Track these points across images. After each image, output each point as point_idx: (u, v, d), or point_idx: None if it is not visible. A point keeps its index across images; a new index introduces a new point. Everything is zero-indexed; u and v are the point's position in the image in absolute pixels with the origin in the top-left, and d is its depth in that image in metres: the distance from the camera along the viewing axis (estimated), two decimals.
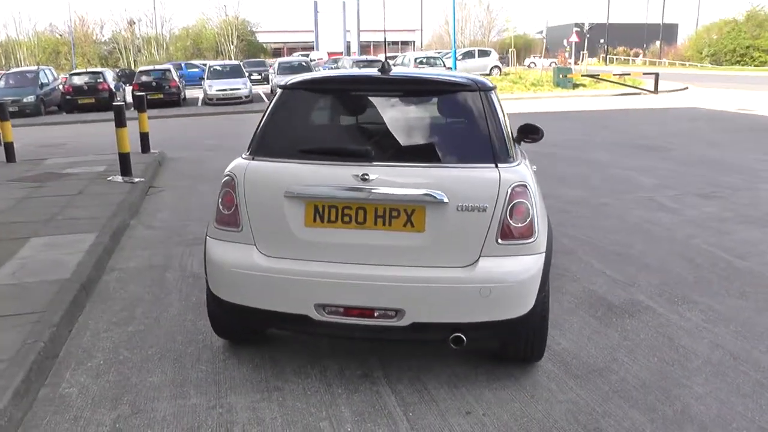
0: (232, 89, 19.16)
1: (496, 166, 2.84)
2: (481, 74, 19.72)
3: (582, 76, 27.77)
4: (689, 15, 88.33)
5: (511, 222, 2.77)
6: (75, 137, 13.54)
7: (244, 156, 3.09)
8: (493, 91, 3.11)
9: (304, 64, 22.53)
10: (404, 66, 24.78)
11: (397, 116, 3.01)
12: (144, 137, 9.29)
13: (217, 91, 19.12)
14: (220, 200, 3.00)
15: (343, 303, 2.75)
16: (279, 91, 3.17)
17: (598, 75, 28.25)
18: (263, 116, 3.14)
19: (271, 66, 33.63)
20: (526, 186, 2.82)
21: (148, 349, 3.37)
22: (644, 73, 27.79)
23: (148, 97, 15.43)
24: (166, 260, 4.90)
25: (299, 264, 2.80)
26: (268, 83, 27.98)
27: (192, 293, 4.19)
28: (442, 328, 2.76)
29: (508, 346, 3.05)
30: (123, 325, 3.70)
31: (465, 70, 31.34)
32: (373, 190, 2.73)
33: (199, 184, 7.89)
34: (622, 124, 13.98)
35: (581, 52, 43.87)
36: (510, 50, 50.70)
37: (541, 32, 78.42)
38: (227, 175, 2.99)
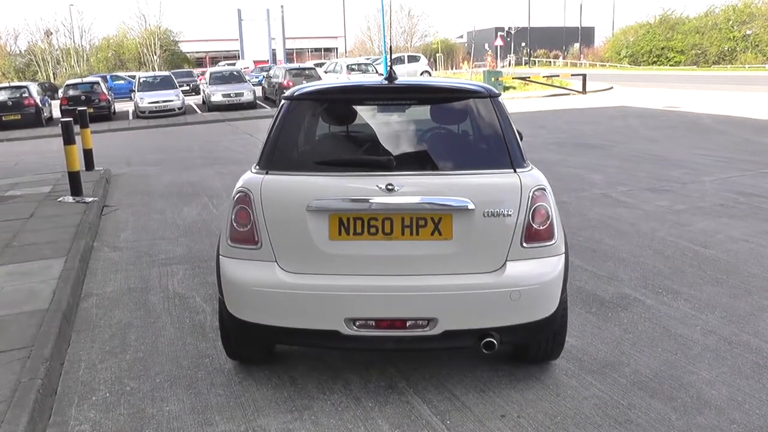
0: (164, 101, 18.52)
1: (515, 171, 2.89)
2: None
3: (513, 78, 28.66)
4: (604, 19, 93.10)
5: (533, 225, 2.82)
6: (5, 157, 12.70)
7: (254, 170, 2.99)
8: (499, 97, 3.16)
9: (236, 73, 22.09)
10: (338, 72, 24.75)
11: (412, 125, 3.00)
12: (88, 154, 8.82)
13: (149, 103, 18.42)
14: (233, 217, 2.89)
15: (375, 316, 2.71)
16: (285, 102, 3.09)
17: (528, 77, 29.26)
18: (271, 128, 3.05)
19: (200, 76, 32.76)
20: (545, 189, 2.89)
21: (155, 377, 3.19)
22: (572, 75, 29.05)
23: (78, 111, 14.71)
24: (144, 282, 4.67)
25: (326, 279, 2.74)
26: (197, 94, 27.23)
27: (183, 316, 4.01)
28: (473, 334, 2.77)
29: (530, 348, 3.09)
30: (118, 353, 3.49)
31: (399, 74, 31.75)
32: (400, 201, 2.71)
33: (154, 201, 7.57)
34: (559, 124, 14.52)
35: (508, 56, 45.34)
36: (437, 55, 51.72)
37: (462, 37, 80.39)
38: (240, 191, 2.88)
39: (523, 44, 68.09)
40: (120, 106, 22.59)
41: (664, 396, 2.97)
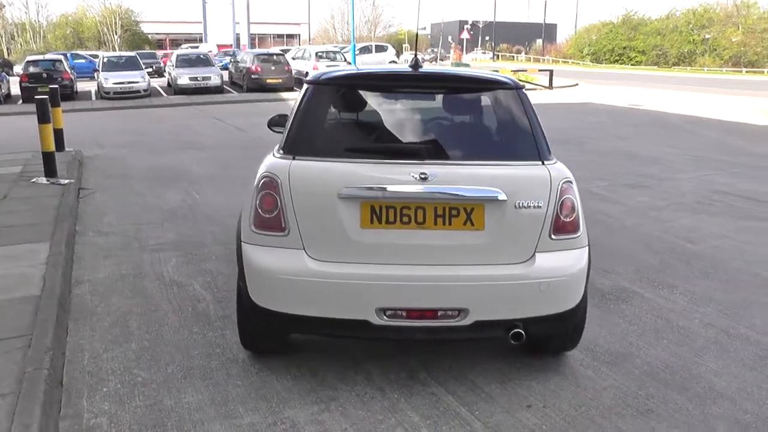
0: (129, 82, 17.88)
1: (543, 163, 2.89)
2: None
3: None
4: (567, 16, 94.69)
5: (561, 217, 2.83)
6: None
7: (278, 155, 2.90)
8: (524, 89, 3.15)
9: (202, 56, 21.52)
10: (306, 60, 24.38)
11: (440, 113, 2.97)
12: (58, 134, 8.44)
13: (114, 84, 17.75)
14: (257, 202, 2.80)
15: (407, 305, 2.68)
16: (309, 86, 3.00)
17: (497, 71, 29.55)
18: (295, 112, 2.96)
19: (164, 58, 31.81)
20: (571, 182, 2.90)
21: (166, 368, 3.08)
22: (539, 70, 29.48)
23: (39, 89, 14.10)
24: (137, 269, 4.51)
25: (358, 268, 2.68)
26: (160, 76, 26.46)
27: (184, 304, 3.89)
28: (502, 325, 2.77)
29: (551, 338, 3.11)
30: (123, 343, 3.35)
31: (365, 64, 31.56)
32: (434, 190, 2.67)
33: (132, 185, 7.32)
34: None
35: (475, 49, 45.66)
36: (404, 45, 51.66)
37: (425, 28, 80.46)
38: (266, 176, 2.79)
39: (487, 38, 68.73)
40: (82, 86, 21.71)
41: (678, 386, 3.04)
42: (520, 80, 23.08)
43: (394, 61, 33.97)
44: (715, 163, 9.37)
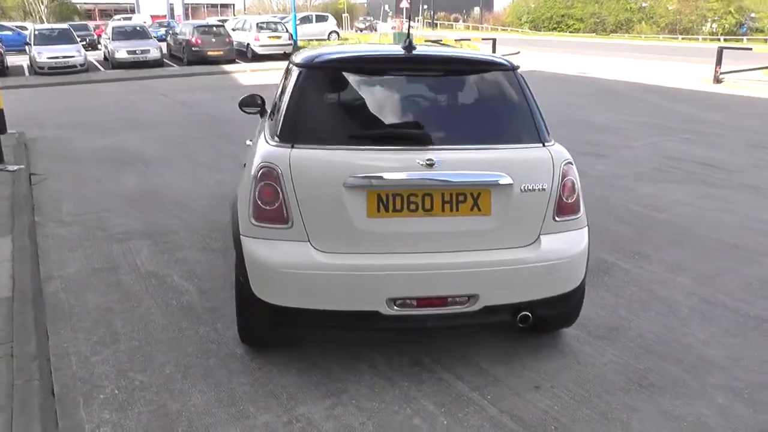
0: (65, 57, 16.77)
1: (544, 145, 2.88)
2: (318, 39, 19.52)
3: (425, 42, 28.74)
4: None
5: (563, 199, 2.84)
6: None
7: (272, 143, 2.77)
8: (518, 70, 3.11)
9: (139, 28, 20.43)
10: (247, 31, 23.52)
11: (438, 96, 2.90)
12: None
13: (48, 59, 16.61)
14: (256, 194, 2.67)
15: (418, 294, 2.64)
16: (302, 70, 2.86)
17: (441, 40, 29.44)
18: (289, 98, 2.82)
19: (97, 30, 30.05)
20: (571, 163, 2.90)
21: (163, 368, 2.95)
22: (483, 39, 29.56)
23: None
24: (108, 261, 4.28)
25: (366, 258, 2.62)
26: (93, 49, 25.02)
27: (167, 297, 3.72)
28: (510, 309, 2.78)
29: (550, 318, 3.13)
30: (110, 344, 3.18)
31: (305, 35, 30.86)
32: (442, 177, 2.62)
33: (86, 169, 6.93)
34: None
35: (417, 18, 45.29)
36: (344, 15, 50.71)
37: None
38: (264, 166, 2.66)
39: (425, 6, 68.27)
40: (11, 60, 20.26)
41: (672, 358, 3.15)
42: (467, 49, 23.10)
43: (335, 32, 33.30)
44: (666, 130, 9.68)
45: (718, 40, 37.70)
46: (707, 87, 15.24)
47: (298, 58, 3.00)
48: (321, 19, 33.50)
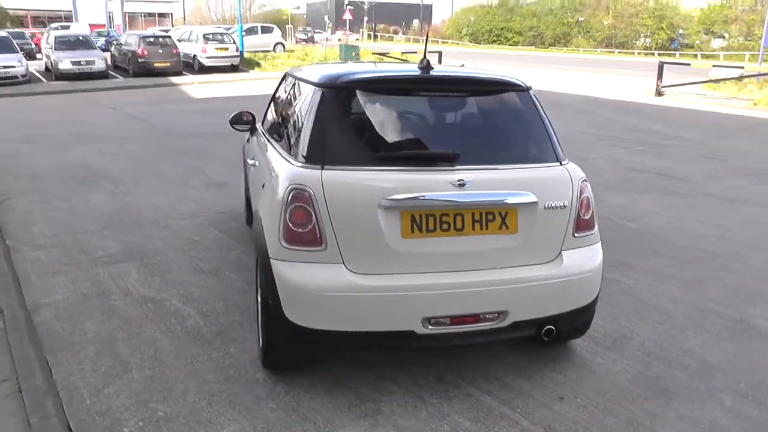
0: (5, 67, 15.94)
1: (561, 164, 2.98)
2: (264, 51, 19.49)
3: (373, 54, 28.96)
4: None
5: (581, 215, 2.94)
6: None
7: (299, 164, 2.74)
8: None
9: (82, 38, 19.67)
10: (193, 42, 23.06)
11: (463, 117, 2.95)
12: None
13: None
14: (287, 216, 2.64)
15: (452, 313, 2.67)
16: (324, 90, 2.85)
17: (388, 53, 29.80)
18: (310, 118, 2.80)
19: (36, 37, 28.73)
20: (586, 180, 3.02)
21: (185, 397, 2.85)
22: (429, 51, 30.07)
23: None
24: (96, 286, 4.10)
25: (401, 278, 2.63)
26: (31, 59, 23.91)
27: (170, 322, 3.60)
28: (536, 323, 2.85)
29: (569, 330, 3.19)
30: (121, 374, 3.05)
31: (251, 47, 30.51)
32: (475, 197, 2.67)
33: (49, 188, 6.61)
34: None
35: (360, 30, 45.65)
36: (287, 26, 50.51)
37: (299, 8, 79.18)
38: (295, 188, 2.63)
39: (366, 18, 68.92)
40: None
41: (678, 364, 3.30)
42: (410, 62, 23.53)
43: (280, 43, 33.08)
44: (620, 142, 10.13)
45: (653, 54, 39.81)
46: (650, 100, 16.04)
47: (321, 78, 2.97)
48: (266, 30, 33.19)
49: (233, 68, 21.71)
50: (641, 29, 48.76)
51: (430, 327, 2.66)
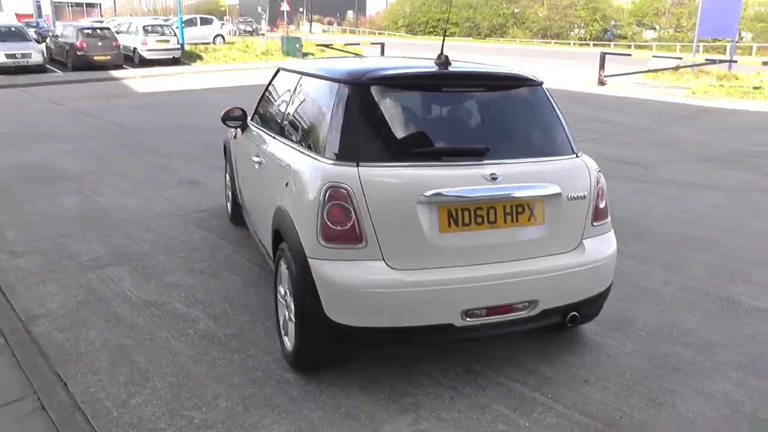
0: None
1: (577, 156, 3.08)
2: (204, 43, 19.10)
3: (317, 46, 28.71)
4: None
5: (598, 205, 3.06)
6: None
7: (328, 161, 2.72)
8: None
9: (15, 29, 18.54)
10: (132, 34, 22.17)
11: (488, 111, 3.00)
12: None
13: None
14: (324, 215, 2.62)
15: (488, 304, 2.73)
16: (351, 86, 2.83)
17: (331, 44, 29.62)
18: (338, 115, 2.78)
19: None
20: (600, 171, 3.13)
21: (218, 403, 2.79)
22: (372, 43, 30.06)
23: None
24: (90, 293, 3.93)
25: (441, 273, 2.66)
26: None
27: (180, 326, 3.50)
28: (562, 311, 2.94)
29: (588, 315, 3.28)
30: (143, 383, 2.95)
31: (190, 39, 29.61)
32: (508, 190, 2.72)
33: (12, 190, 6.26)
34: None
35: (298, 21, 45.14)
36: (225, 18, 49.35)
37: None
38: (332, 186, 2.61)
39: (301, 9, 68.18)
40: None
41: (681, 342, 3.48)
42: (355, 53, 23.37)
43: (220, 35, 32.28)
44: (572, 131, 10.45)
45: (588, 45, 41.24)
46: (593, 89, 16.63)
47: (344, 73, 2.93)
48: (206, 21, 32.30)
49: (175, 61, 21.03)
50: (575, 20, 50.41)
51: (467, 319, 2.71)
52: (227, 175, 5.44)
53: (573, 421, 2.72)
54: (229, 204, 5.45)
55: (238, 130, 4.57)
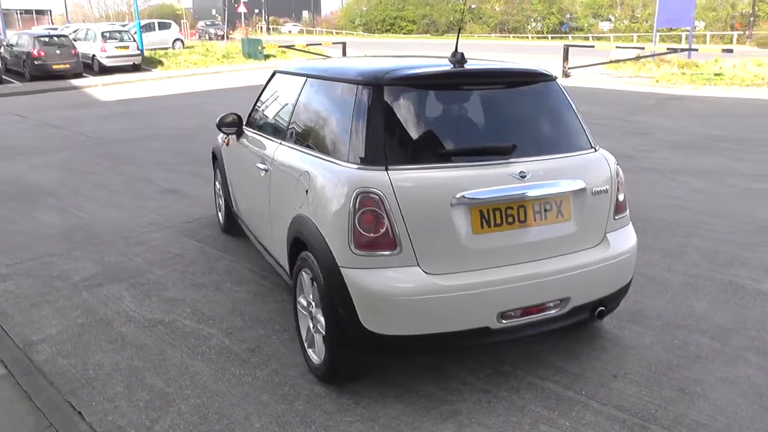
0: None
1: (595, 150, 3.07)
2: (163, 48, 18.82)
3: (279, 47, 28.39)
4: None
5: (618, 198, 3.06)
6: None
7: (356, 167, 2.64)
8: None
9: None
10: (90, 41, 21.47)
11: (510, 109, 2.96)
12: None
13: None
14: (355, 222, 2.54)
15: (522, 305, 2.69)
16: (372, 88, 2.74)
17: (292, 45, 29.36)
18: (361, 118, 2.70)
19: None
20: (618, 164, 3.13)
21: (251, 422, 2.67)
22: (333, 43, 29.91)
23: None
24: (90, 314, 3.75)
25: (476, 276, 2.61)
26: None
27: (193, 344, 3.37)
28: (591, 306, 2.93)
29: (610, 309, 3.27)
30: (165, 407, 2.81)
31: (149, 44, 28.89)
32: (538, 188, 2.70)
33: None
34: None
35: (257, 23, 44.66)
36: (182, 21, 48.42)
37: (180, 0, 76.60)
38: (363, 192, 2.53)
39: (257, 11, 67.39)
40: None
41: (696, 329, 3.51)
42: (320, 54, 23.21)
43: (179, 39, 31.63)
44: None
45: (546, 38, 41.85)
46: (559, 81, 16.83)
47: (364, 75, 2.85)
48: (164, 26, 31.56)
49: (135, 68, 20.50)
50: (532, 14, 51.13)
51: (503, 321, 2.67)
52: (217, 183, 5.29)
53: (611, 418, 2.71)
54: (220, 213, 5.30)
55: (232, 136, 4.44)
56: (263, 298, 3.95)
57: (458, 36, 3.08)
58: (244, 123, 4.28)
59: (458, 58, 2.97)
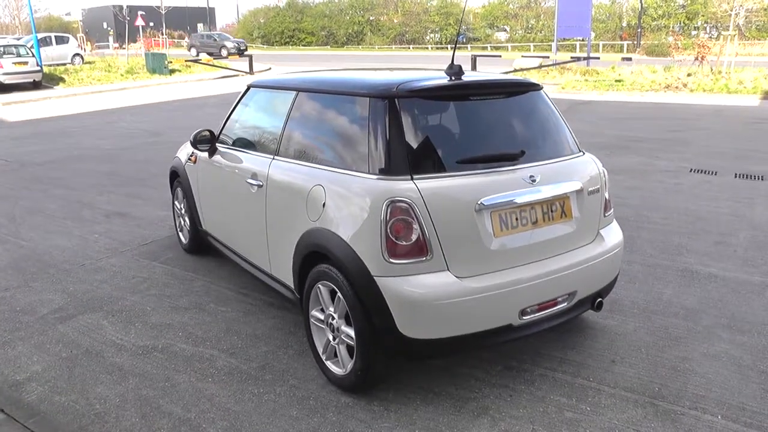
0: None
1: (583, 153, 3.32)
2: (61, 64, 18.03)
3: (187, 61, 27.57)
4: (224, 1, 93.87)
5: (606, 197, 3.32)
6: None
7: (378, 177, 2.70)
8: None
9: None
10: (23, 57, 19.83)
11: (511, 117, 3.12)
12: None
13: None
14: (388, 231, 2.60)
15: (539, 301, 2.86)
16: (386, 101, 2.80)
17: (199, 59, 28.65)
18: (379, 130, 2.77)
19: None
20: (602, 165, 3.40)
21: None
22: (240, 56, 29.49)
23: None
24: (74, 347, 3.52)
25: (499, 276, 2.75)
26: None
27: (198, 368, 3.27)
28: (591, 298, 3.16)
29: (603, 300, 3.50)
30: (195, 428, 2.73)
31: (47, 59, 27.10)
32: (549, 190, 2.88)
33: None
34: None
35: (159, 36, 43.15)
36: (79, 35, 45.89)
37: (69, 14, 72.76)
38: (393, 202, 2.60)
39: (152, 24, 65.04)
40: None
41: (670, 313, 3.83)
42: (226, 68, 22.84)
43: (78, 54, 29.95)
44: None
45: (445, 48, 43.24)
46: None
47: (375, 88, 2.91)
48: (61, 40, 29.78)
49: (36, 85, 19.21)
50: (430, 25, 52.79)
51: (523, 317, 2.83)
52: (177, 203, 5.13)
53: (624, 399, 2.93)
54: (181, 234, 5.14)
55: (200, 154, 4.34)
56: (255, 316, 3.89)
57: (455, 49, 3.23)
58: (216, 140, 4.21)
59: (455, 71, 3.11)
